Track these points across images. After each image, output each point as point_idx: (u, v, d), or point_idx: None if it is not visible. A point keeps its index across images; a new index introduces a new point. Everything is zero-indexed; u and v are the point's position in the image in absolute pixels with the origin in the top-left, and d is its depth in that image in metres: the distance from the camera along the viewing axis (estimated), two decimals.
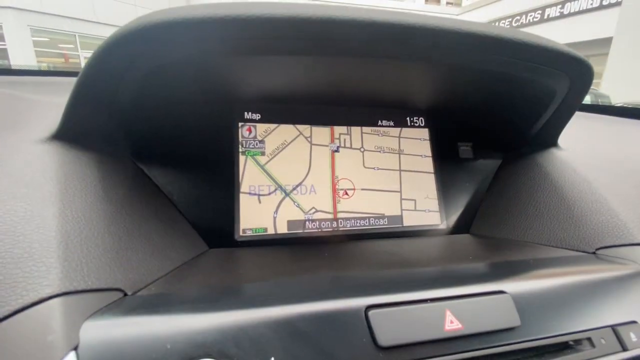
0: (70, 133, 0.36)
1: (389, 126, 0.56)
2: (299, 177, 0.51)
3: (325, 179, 0.52)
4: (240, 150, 0.50)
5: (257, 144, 0.51)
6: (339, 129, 0.54)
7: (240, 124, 0.50)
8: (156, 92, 0.39)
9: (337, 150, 0.53)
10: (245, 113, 0.51)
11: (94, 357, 0.21)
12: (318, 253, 0.44)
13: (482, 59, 0.39)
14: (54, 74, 0.95)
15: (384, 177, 0.54)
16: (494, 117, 0.55)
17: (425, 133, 0.58)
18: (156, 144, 0.45)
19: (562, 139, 0.53)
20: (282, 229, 0.49)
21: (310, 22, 0.29)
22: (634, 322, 0.32)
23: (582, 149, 0.55)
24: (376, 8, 0.32)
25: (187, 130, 0.48)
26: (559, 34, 9.90)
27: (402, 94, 0.53)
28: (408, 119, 0.57)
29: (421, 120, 0.58)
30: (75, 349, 0.21)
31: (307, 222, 0.50)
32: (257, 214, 0.48)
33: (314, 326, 0.25)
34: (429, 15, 0.34)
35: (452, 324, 0.27)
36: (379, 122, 0.56)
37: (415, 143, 0.57)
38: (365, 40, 0.33)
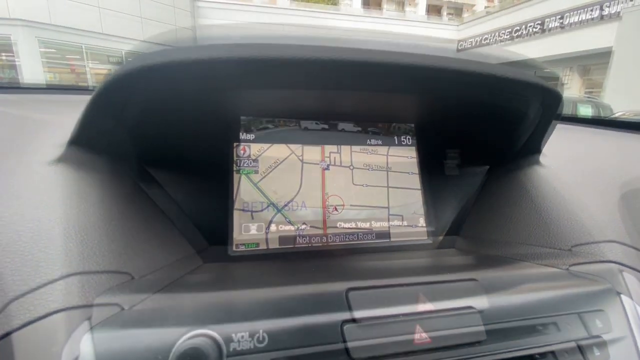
0: (75, 157, 0.39)
1: (378, 144, 0.59)
2: (291, 194, 0.54)
3: (316, 196, 0.55)
4: (234, 169, 0.52)
5: (251, 163, 0.53)
6: (329, 148, 0.57)
7: (235, 144, 0.53)
8: (156, 118, 0.42)
9: (327, 168, 0.56)
10: (241, 134, 0.54)
11: None
12: (306, 268, 0.46)
13: (467, 90, 0.42)
14: (59, 89, 0.98)
15: (372, 194, 0.57)
16: (476, 137, 0.58)
17: (412, 151, 0.60)
18: (155, 164, 0.48)
19: (547, 153, 0.55)
20: (274, 244, 0.51)
21: (300, 62, 0.32)
22: (599, 337, 0.34)
23: (563, 165, 0.57)
24: (359, 48, 0.35)
25: (185, 151, 0.50)
26: (559, 45, 10.00)
27: (390, 116, 0.56)
28: (396, 137, 0.60)
29: (408, 138, 0.60)
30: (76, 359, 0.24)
31: (297, 238, 0.52)
32: (250, 229, 0.51)
33: (294, 340, 0.28)
34: (428, 55, 0.36)
35: (421, 338, 0.29)
36: (368, 141, 0.59)
37: (403, 161, 0.59)
38: (347, 76, 0.36)
